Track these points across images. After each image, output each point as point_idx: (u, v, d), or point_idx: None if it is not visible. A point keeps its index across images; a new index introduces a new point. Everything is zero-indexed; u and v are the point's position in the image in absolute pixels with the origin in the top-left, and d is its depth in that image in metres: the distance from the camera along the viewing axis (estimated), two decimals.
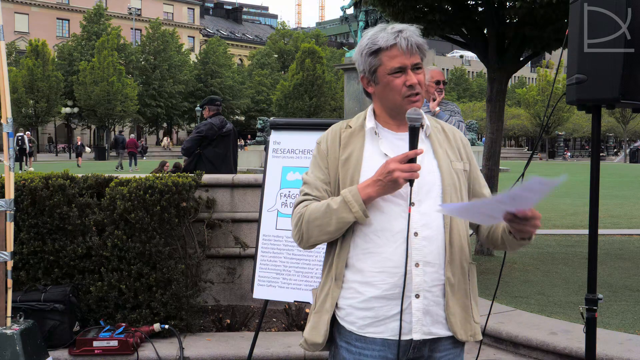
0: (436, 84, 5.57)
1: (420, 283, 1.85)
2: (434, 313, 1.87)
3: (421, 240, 1.86)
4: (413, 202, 1.85)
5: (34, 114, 45.65)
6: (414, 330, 1.85)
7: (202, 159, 6.98)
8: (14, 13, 60.74)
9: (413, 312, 1.84)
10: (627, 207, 12.30)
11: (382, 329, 1.86)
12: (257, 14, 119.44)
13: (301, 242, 1.96)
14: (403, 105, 1.91)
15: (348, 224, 1.86)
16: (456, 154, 2.00)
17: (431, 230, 1.87)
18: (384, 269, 1.85)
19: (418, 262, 1.85)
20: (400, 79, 1.89)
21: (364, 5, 24.02)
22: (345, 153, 1.96)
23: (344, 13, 28.61)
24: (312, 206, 1.91)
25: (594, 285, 2.82)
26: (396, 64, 1.88)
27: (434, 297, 1.87)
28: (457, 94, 75.38)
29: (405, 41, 1.87)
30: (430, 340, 1.88)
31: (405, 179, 1.78)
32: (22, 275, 4.56)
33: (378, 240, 1.86)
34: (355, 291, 1.89)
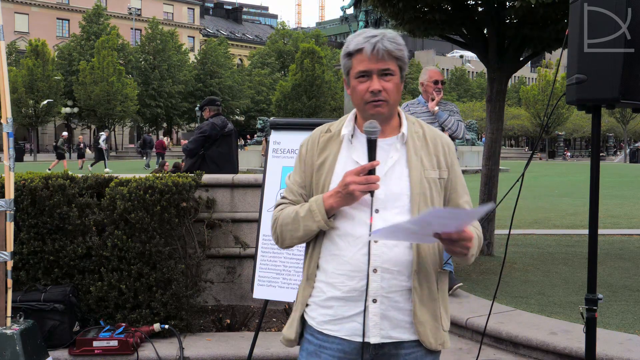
0: (434, 83, 5.58)
1: (377, 288, 1.87)
2: (394, 318, 1.89)
3: (381, 247, 1.88)
4: (377, 210, 1.89)
5: (34, 114, 45.65)
6: (372, 333, 1.88)
7: (206, 159, 6.96)
8: (14, 13, 60.75)
9: (370, 316, 1.88)
10: (627, 207, 12.30)
11: (339, 328, 1.92)
12: (257, 14, 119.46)
13: (277, 243, 2.06)
14: (366, 110, 1.93)
15: (314, 232, 1.93)
16: (432, 162, 1.97)
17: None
18: (344, 271, 1.90)
19: (376, 268, 1.87)
20: (365, 84, 1.91)
21: (364, 5, 24.03)
22: (320, 158, 2.00)
23: (344, 13, 28.63)
24: (286, 211, 2.00)
25: (594, 285, 2.82)
26: (361, 68, 1.90)
27: (392, 302, 1.88)
28: (457, 94, 75.41)
29: (371, 46, 1.87)
30: (390, 343, 1.91)
31: (361, 191, 1.82)
32: (22, 275, 4.56)
33: (342, 244, 1.91)
34: (320, 290, 1.96)
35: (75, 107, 49.15)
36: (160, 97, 54.91)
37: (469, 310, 4.72)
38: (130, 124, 58.39)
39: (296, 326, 2.02)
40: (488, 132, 6.92)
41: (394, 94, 1.92)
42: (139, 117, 54.76)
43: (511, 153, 51.86)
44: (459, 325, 4.65)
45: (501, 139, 7.19)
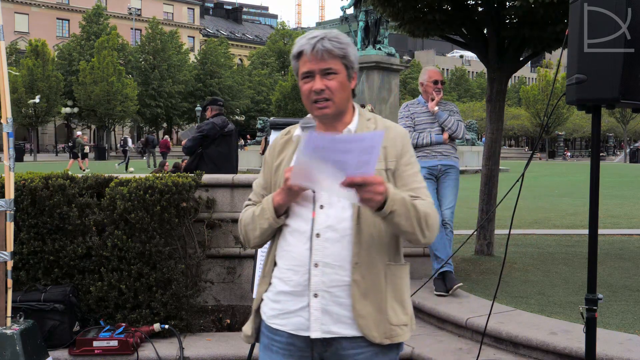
0: (434, 83, 5.57)
1: (318, 283, 1.90)
2: (335, 313, 1.90)
3: (323, 242, 1.90)
4: (322, 205, 1.92)
5: (34, 114, 45.66)
6: (312, 328, 1.91)
7: (204, 158, 6.98)
8: (14, 13, 60.76)
9: (311, 311, 1.90)
10: (627, 207, 12.29)
11: (286, 322, 1.96)
12: (257, 14, 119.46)
13: (245, 242, 2.11)
14: (312, 111, 1.97)
15: (268, 229, 1.98)
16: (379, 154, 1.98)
17: (335, 233, 1.90)
18: (291, 266, 1.95)
19: (317, 262, 1.90)
20: (309, 84, 1.94)
21: (364, 5, 24.03)
22: (278, 160, 2.06)
23: (344, 13, 28.62)
24: (247, 212, 2.08)
25: (594, 285, 2.82)
26: (305, 69, 1.94)
27: (333, 297, 1.90)
28: (458, 94, 75.41)
29: (310, 47, 1.92)
30: (334, 338, 1.91)
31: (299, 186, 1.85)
32: (22, 275, 4.56)
33: (291, 240, 1.96)
34: (273, 285, 2.01)
35: (75, 107, 49.15)
36: (160, 97, 54.91)
37: (469, 310, 4.72)
38: (130, 124, 58.39)
39: (253, 322, 2.08)
40: (488, 132, 6.92)
41: (338, 92, 1.94)
42: (139, 117, 54.76)
43: (511, 153, 51.87)
44: (459, 325, 4.65)
45: (501, 139, 7.18)
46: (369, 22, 25.30)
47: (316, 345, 1.92)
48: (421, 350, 4.32)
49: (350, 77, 1.98)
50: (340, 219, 1.91)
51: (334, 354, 1.93)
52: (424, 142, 5.42)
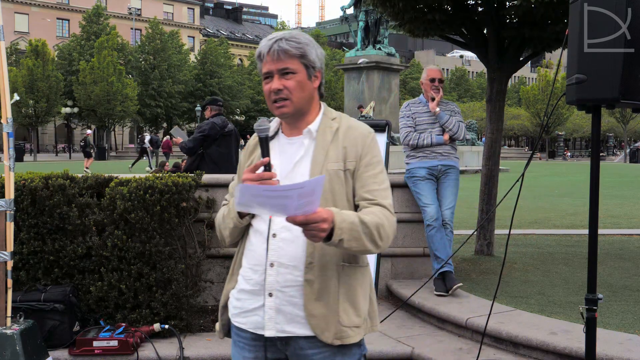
0: (431, 81, 5.57)
1: (272, 283, 1.93)
2: (288, 312, 1.92)
3: (278, 241, 1.93)
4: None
5: (34, 114, 45.66)
6: (267, 327, 1.94)
7: (205, 158, 6.99)
8: (14, 13, 60.76)
9: (266, 310, 1.93)
10: (627, 207, 12.29)
11: (245, 321, 2.01)
12: (257, 14, 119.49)
13: (222, 242, 2.14)
14: (272, 110, 2.00)
15: (234, 229, 2.02)
16: (339, 154, 1.98)
17: (290, 233, 1.92)
18: (251, 265, 1.99)
19: (273, 262, 1.93)
20: (269, 85, 1.99)
21: (364, 5, 24.04)
22: (249, 160, 2.10)
23: (344, 13, 28.62)
24: (220, 212, 2.13)
25: (594, 285, 2.82)
26: (264, 70, 2.00)
27: (287, 297, 1.92)
28: (458, 94, 75.41)
29: (267, 48, 1.97)
30: (291, 337, 1.94)
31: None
32: (22, 275, 4.56)
33: (253, 240, 2.01)
34: (237, 283, 2.06)
35: (75, 107, 49.14)
36: (160, 97, 54.90)
37: (469, 310, 4.72)
38: (130, 124, 58.38)
39: (220, 319, 2.15)
40: (488, 132, 6.92)
41: (296, 91, 1.96)
42: (139, 117, 54.75)
43: (511, 153, 51.86)
44: (459, 325, 4.65)
45: (501, 139, 7.18)
46: (369, 22, 25.30)
47: (275, 343, 1.96)
48: (421, 350, 4.32)
49: (310, 77, 1.99)
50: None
51: (293, 353, 1.96)
52: (425, 143, 5.42)
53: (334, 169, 1.96)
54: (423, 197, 5.36)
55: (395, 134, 14.68)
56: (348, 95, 25.73)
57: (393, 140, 14.53)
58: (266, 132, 1.92)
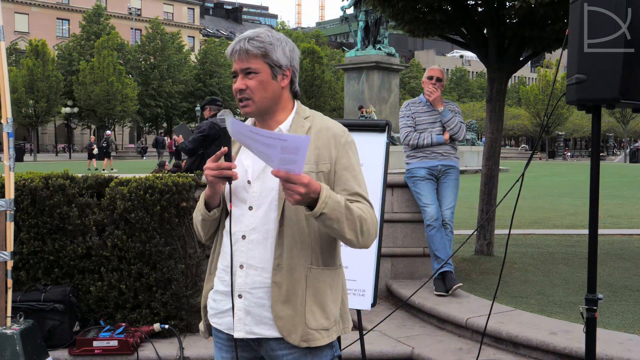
0: (429, 79, 5.58)
1: (242, 284, 1.94)
2: (257, 314, 1.93)
3: (247, 243, 1.93)
4: (251, 207, 1.94)
5: (34, 114, 45.65)
6: (236, 328, 1.95)
7: (205, 158, 6.98)
8: (14, 13, 60.74)
9: (235, 311, 1.94)
10: (627, 207, 12.29)
11: (220, 322, 2.02)
12: (257, 14, 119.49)
13: (199, 237, 2.16)
14: (239, 110, 2.01)
15: (202, 222, 2.04)
16: (310, 155, 1.94)
17: (259, 234, 1.93)
18: (224, 267, 2.00)
19: (242, 264, 1.94)
20: (235, 84, 1.99)
21: (364, 5, 24.02)
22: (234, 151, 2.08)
23: (344, 13, 28.63)
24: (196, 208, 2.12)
25: (594, 285, 2.82)
26: (232, 69, 2.01)
27: (255, 298, 1.93)
28: (458, 94, 75.41)
29: (231, 48, 1.98)
30: (259, 339, 1.95)
31: (214, 176, 1.88)
32: (22, 275, 4.56)
33: (224, 240, 2.02)
34: (213, 283, 2.08)
35: (75, 107, 49.14)
36: (160, 97, 54.90)
37: (469, 310, 4.73)
38: (130, 124, 58.38)
39: (203, 318, 2.13)
40: (488, 132, 6.92)
41: (258, 91, 1.95)
42: (139, 117, 54.76)
43: (511, 153, 51.84)
44: (459, 325, 4.65)
45: (501, 139, 7.18)
46: (369, 22, 25.29)
47: (249, 344, 1.97)
48: (421, 350, 4.32)
49: (276, 76, 1.96)
50: (266, 221, 1.93)
51: (266, 354, 1.98)
52: (425, 143, 5.42)
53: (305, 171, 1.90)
54: (423, 197, 5.36)
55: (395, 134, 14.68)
56: (348, 96, 25.72)
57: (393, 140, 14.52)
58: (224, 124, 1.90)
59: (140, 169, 26.26)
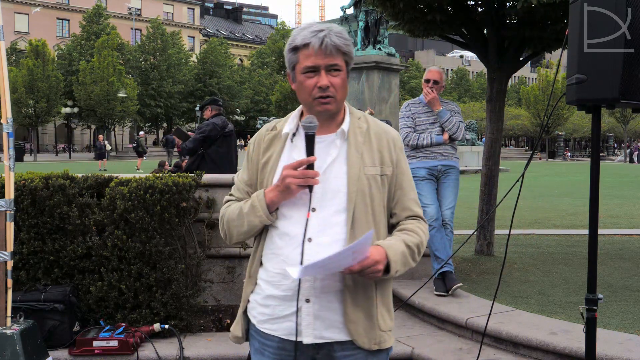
0: (426, 82, 5.57)
1: (309, 289, 1.87)
2: (326, 318, 1.88)
3: (315, 246, 1.86)
4: (314, 208, 1.88)
5: (34, 114, 45.65)
6: (305, 333, 1.88)
7: (206, 159, 6.99)
8: (14, 13, 60.75)
9: (303, 316, 1.87)
10: (627, 207, 12.29)
11: (276, 327, 1.92)
12: (257, 14, 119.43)
13: (226, 239, 2.05)
14: (314, 106, 1.91)
15: (257, 227, 1.94)
16: (374, 158, 1.94)
17: (327, 237, 1.87)
18: (280, 270, 1.90)
19: None
20: (313, 79, 1.88)
21: (364, 5, 24.02)
22: (265, 157, 2.00)
23: (344, 13, 28.61)
24: (231, 207, 2.01)
25: (594, 285, 2.82)
26: (309, 63, 1.87)
27: (325, 302, 1.88)
28: (458, 94, 75.42)
29: (319, 41, 1.85)
30: (325, 343, 1.90)
31: (298, 185, 1.82)
32: (22, 275, 4.56)
33: (280, 243, 1.92)
34: (260, 287, 1.97)
35: (75, 107, 49.16)
36: (160, 97, 54.90)
37: (469, 310, 4.72)
38: (130, 124, 58.38)
39: (241, 324, 2.03)
40: (488, 132, 6.92)
41: (340, 89, 1.91)
42: (139, 117, 54.76)
43: (511, 153, 51.85)
44: (459, 325, 4.65)
45: (501, 139, 7.18)
46: (369, 22, 25.28)
47: (307, 349, 1.90)
48: (421, 350, 4.32)
49: (348, 75, 1.95)
50: (333, 223, 1.89)
51: (324, 356, 1.92)
52: (424, 143, 5.42)
53: (372, 174, 1.92)
54: (423, 197, 5.36)
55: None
56: (348, 95, 25.72)
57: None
58: (314, 130, 1.85)
59: (142, 169, 26.26)
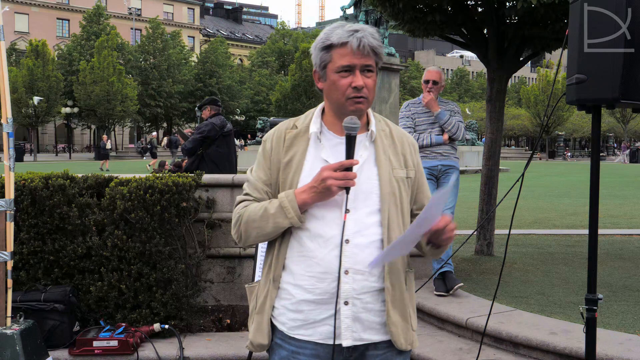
0: (425, 83, 5.56)
1: (348, 290, 1.85)
2: (365, 320, 1.88)
3: (352, 247, 1.85)
4: (348, 210, 1.85)
5: (34, 114, 45.65)
6: (344, 336, 1.86)
7: (205, 159, 6.99)
8: (14, 13, 60.73)
9: (342, 318, 1.85)
10: (627, 207, 12.29)
11: (311, 332, 1.88)
12: (257, 14, 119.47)
13: (240, 241, 1.98)
14: (346, 106, 1.89)
15: (284, 228, 1.88)
16: (400, 161, 1.97)
17: (363, 238, 1.87)
18: (314, 273, 1.86)
19: (347, 269, 1.85)
20: (347, 79, 1.86)
21: (364, 5, 24.03)
22: (287, 156, 1.95)
23: (344, 13, 28.61)
24: (251, 208, 1.93)
25: (594, 285, 2.82)
26: (344, 62, 1.85)
27: (363, 304, 1.87)
28: (458, 94, 75.43)
29: (357, 41, 1.84)
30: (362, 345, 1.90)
31: (338, 186, 1.80)
32: (22, 275, 4.56)
33: (311, 245, 1.87)
34: (288, 292, 1.91)
35: (75, 107, 49.16)
36: (160, 97, 54.90)
37: (469, 310, 4.72)
38: (130, 124, 58.38)
39: (268, 331, 1.95)
40: (488, 132, 6.92)
41: (372, 91, 1.90)
42: (139, 117, 54.76)
43: (511, 153, 51.87)
44: (459, 325, 4.65)
45: (501, 139, 7.18)
46: (369, 22, 25.25)
47: (343, 352, 1.88)
48: (421, 350, 4.32)
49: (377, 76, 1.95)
50: (367, 225, 1.88)
51: (357, 358, 1.91)
52: (424, 143, 5.41)
53: (400, 177, 1.95)
54: None
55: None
56: None
57: None
58: (356, 131, 1.82)
59: (140, 169, 26.27)
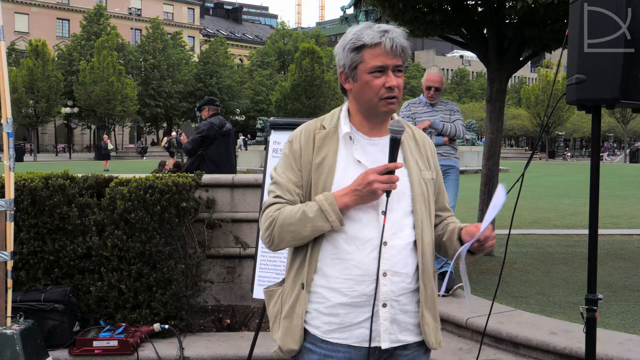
0: (427, 89, 5.50)
1: (387, 292, 1.85)
2: (401, 321, 1.89)
3: (390, 249, 1.85)
4: (384, 212, 1.84)
5: (34, 114, 45.66)
6: (382, 339, 1.86)
7: (205, 159, 6.99)
8: (14, 13, 60.73)
9: (380, 321, 1.85)
10: (627, 207, 12.29)
11: (347, 335, 1.86)
12: (257, 14, 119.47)
13: (271, 245, 1.93)
14: (379, 107, 1.88)
15: (323, 232, 1.85)
16: (425, 163, 1.99)
17: (400, 240, 1.88)
18: (351, 276, 1.84)
19: (386, 271, 1.84)
20: (380, 79, 1.86)
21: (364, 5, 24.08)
22: (318, 157, 1.92)
23: (344, 13, 28.63)
24: (286, 211, 1.88)
25: (594, 285, 2.82)
26: (378, 63, 1.85)
27: (400, 305, 1.87)
28: (458, 94, 75.46)
29: (390, 41, 1.84)
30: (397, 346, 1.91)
31: (383, 190, 1.79)
32: (22, 275, 4.56)
33: (347, 247, 1.85)
34: (321, 296, 1.88)
35: (75, 107, 49.16)
36: (160, 97, 54.90)
37: (469, 310, 4.72)
38: (130, 124, 58.39)
39: (300, 336, 1.91)
40: (488, 132, 6.92)
41: (401, 91, 1.91)
42: (139, 117, 54.76)
43: (511, 153, 51.85)
44: (459, 325, 4.65)
45: (501, 139, 7.18)
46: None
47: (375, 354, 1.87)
48: None
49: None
50: (402, 226, 1.89)
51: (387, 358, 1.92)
52: None
53: (427, 178, 1.96)
54: None
55: None
56: None
57: None
58: (402, 134, 1.84)
59: (140, 169, 26.26)
